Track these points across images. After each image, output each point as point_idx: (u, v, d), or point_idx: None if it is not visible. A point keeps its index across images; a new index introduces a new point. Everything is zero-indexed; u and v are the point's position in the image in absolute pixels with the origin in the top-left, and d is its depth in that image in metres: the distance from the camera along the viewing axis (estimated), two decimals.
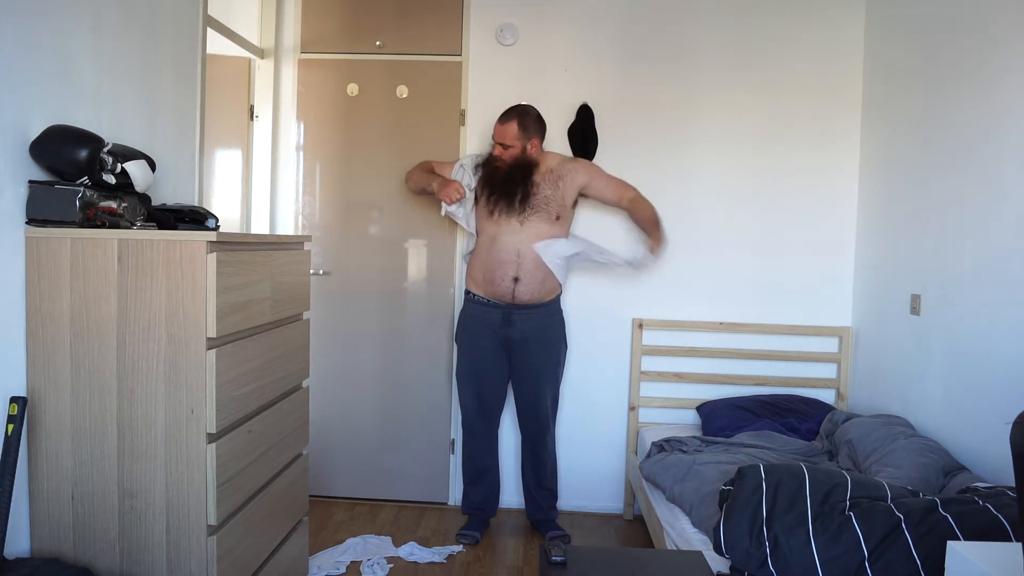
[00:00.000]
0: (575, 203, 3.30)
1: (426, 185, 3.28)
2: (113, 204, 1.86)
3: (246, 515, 1.96)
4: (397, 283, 3.67)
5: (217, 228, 2.06)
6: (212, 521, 1.79)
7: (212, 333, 1.76)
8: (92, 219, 1.81)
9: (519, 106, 3.20)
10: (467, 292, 3.29)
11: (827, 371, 3.56)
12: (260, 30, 3.61)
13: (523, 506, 3.48)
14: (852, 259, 3.53)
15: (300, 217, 3.68)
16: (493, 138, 3.19)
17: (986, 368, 2.49)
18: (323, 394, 3.63)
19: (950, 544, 1.46)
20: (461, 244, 3.59)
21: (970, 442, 2.55)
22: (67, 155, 1.79)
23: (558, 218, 3.19)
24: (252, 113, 3.62)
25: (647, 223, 3.25)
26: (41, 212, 1.77)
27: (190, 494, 1.77)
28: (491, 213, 3.18)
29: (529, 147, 3.16)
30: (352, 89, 3.62)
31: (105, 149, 1.86)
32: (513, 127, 3.13)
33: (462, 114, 3.58)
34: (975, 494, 2.00)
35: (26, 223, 1.78)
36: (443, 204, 3.22)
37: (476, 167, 3.26)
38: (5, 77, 1.73)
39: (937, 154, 2.82)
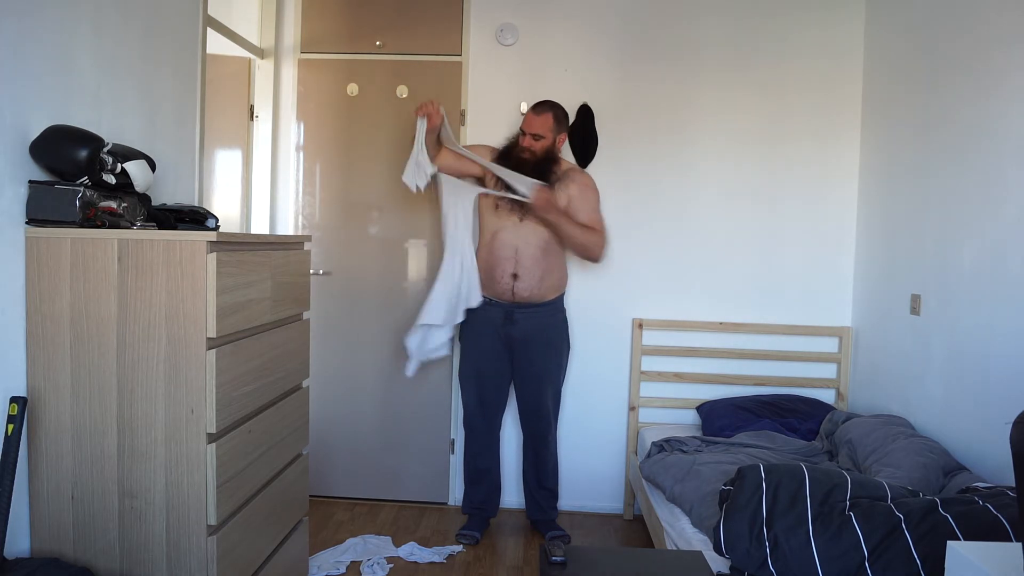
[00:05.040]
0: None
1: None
2: (113, 204, 1.86)
3: (246, 515, 1.97)
4: (397, 283, 3.67)
5: (217, 228, 2.06)
6: (212, 521, 1.79)
7: (212, 333, 1.76)
8: (92, 219, 1.81)
9: (550, 101, 3.19)
10: None
11: (827, 371, 3.56)
12: (260, 30, 3.61)
13: (523, 506, 3.48)
14: (852, 259, 3.53)
15: (300, 217, 3.68)
16: (523, 129, 3.15)
17: (986, 368, 2.49)
18: (323, 394, 3.63)
19: (950, 544, 1.46)
20: None
21: (970, 442, 2.55)
22: (67, 155, 1.79)
23: None
24: (252, 113, 3.62)
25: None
26: (41, 212, 1.77)
27: (190, 494, 1.77)
28: (496, 206, 3.17)
29: (557, 141, 3.17)
30: (352, 89, 3.62)
31: (105, 149, 1.86)
32: (549, 119, 3.12)
33: (462, 114, 3.58)
34: (975, 494, 1.99)
35: (26, 223, 1.78)
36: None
37: (498, 157, 3.18)
38: (5, 77, 1.73)
39: (937, 153, 2.82)
